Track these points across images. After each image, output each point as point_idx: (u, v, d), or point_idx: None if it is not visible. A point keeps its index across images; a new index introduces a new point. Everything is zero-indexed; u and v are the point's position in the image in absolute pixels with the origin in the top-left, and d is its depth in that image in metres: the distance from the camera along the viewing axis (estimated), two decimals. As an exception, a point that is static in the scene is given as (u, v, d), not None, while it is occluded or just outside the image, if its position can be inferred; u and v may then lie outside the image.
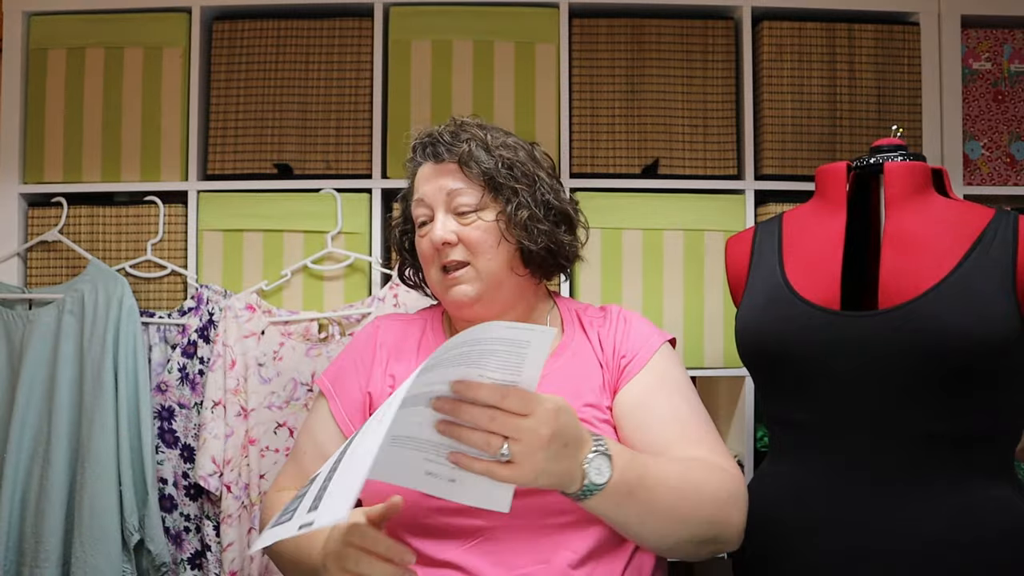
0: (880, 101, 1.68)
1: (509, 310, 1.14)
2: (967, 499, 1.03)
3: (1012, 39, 1.71)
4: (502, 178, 1.10)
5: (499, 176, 1.10)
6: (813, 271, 1.14)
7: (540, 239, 1.10)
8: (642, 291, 1.64)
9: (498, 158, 1.11)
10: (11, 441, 1.49)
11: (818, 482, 1.10)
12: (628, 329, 1.15)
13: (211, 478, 1.49)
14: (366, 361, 1.17)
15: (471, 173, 1.10)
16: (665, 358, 1.13)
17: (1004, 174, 1.70)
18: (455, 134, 1.13)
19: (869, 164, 1.17)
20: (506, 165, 1.11)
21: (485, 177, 1.10)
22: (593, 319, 1.18)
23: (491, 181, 1.10)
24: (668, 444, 1.03)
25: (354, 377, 1.16)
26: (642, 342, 1.13)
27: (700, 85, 1.69)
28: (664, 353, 1.13)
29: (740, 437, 1.66)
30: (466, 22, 1.68)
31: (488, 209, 1.11)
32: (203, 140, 1.69)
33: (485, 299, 1.11)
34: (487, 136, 1.13)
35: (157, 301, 1.64)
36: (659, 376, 1.10)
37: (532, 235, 1.10)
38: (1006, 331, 1.00)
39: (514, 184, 1.11)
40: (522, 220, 1.10)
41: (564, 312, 1.20)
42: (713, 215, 1.65)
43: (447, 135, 1.13)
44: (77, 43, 1.67)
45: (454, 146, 1.12)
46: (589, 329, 1.17)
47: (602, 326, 1.17)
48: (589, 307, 1.23)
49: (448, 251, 1.10)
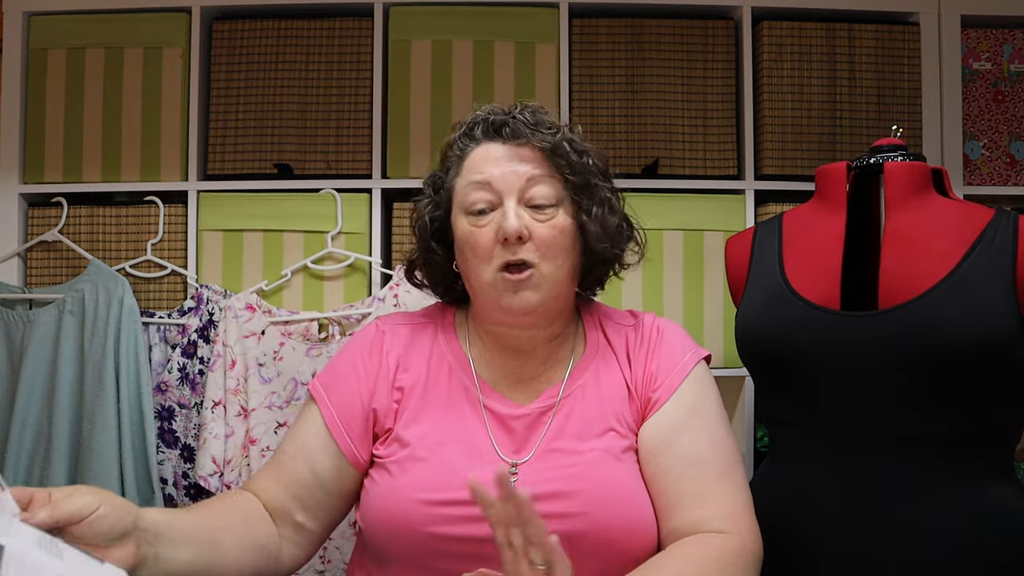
0: (880, 101, 1.68)
1: (554, 322, 1.04)
2: (967, 499, 1.03)
3: (1012, 39, 1.71)
4: (595, 178, 1.01)
5: (592, 176, 1.01)
6: (813, 271, 1.14)
7: (620, 251, 1.04)
8: (642, 291, 1.64)
9: (585, 155, 1.01)
10: (11, 441, 1.49)
11: (818, 482, 1.10)
12: (660, 348, 1.04)
13: (211, 478, 1.49)
14: (370, 371, 1.05)
15: (558, 164, 0.99)
16: (697, 383, 1.03)
17: (1004, 174, 1.70)
18: (536, 116, 1.01)
19: (869, 164, 1.17)
20: (596, 165, 1.03)
21: (573, 172, 0.99)
22: (621, 330, 1.08)
23: (579, 179, 0.99)
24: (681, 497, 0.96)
25: (355, 387, 1.04)
26: (673, 364, 1.03)
27: (700, 85, 1.69)
28: (696, 377, 1.03)
29: (740, 437, 1.66)
30: (466, 22, 1.68)
31: (564, 207, 1.00)
32: (203, 140, 1.69)
33: (542, 310, 1.00)
34: (570, 129, 1.03)
35: (157, 301, 1.63)
36: (687, 409, 1.00)
37: (616, 245, 1.03)
38: (1006, 331, 1.00)
39: (604, 185, 1.02)
40: (611, 227, 1.01)
41: (587, 322, 1.10)
42: (713, 215, 1.65)
43: (528, 115, 1.01)
44: (77, 43, 1.66)
45: (539, 130, 1.00)
46: (616, 342, 1.07)
47: (632, 340, 1.06)
48: (615, 313, 1.12)
49: (517, 248, 0.96)
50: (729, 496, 0.97)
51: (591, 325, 1.09)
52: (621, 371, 1.04)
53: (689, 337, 1.09)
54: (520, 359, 1.05)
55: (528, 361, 1.05)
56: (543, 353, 1.05)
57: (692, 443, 0.98)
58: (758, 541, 0.97)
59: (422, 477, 0.96)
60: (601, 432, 0.99)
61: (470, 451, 0.98)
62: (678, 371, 1.02)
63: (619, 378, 1.03)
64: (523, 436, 1.00)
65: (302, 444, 1.04)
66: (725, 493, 0.97)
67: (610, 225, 1.02)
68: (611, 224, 1.02)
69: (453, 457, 0.97)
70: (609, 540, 0.93)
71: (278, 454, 1.06)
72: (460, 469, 0.95)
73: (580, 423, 1.00)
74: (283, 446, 1.06)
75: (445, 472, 0.95)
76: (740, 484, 0.99)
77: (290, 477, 1.02)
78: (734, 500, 0.97)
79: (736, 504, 0.97)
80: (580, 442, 0.98)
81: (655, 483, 0.98)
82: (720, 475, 0.98)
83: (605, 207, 1.02)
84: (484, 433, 1.00)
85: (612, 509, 0.94)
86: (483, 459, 0.97)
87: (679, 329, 1.09)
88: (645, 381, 1.02)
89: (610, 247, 1.02)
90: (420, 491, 0.95)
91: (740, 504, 0.98)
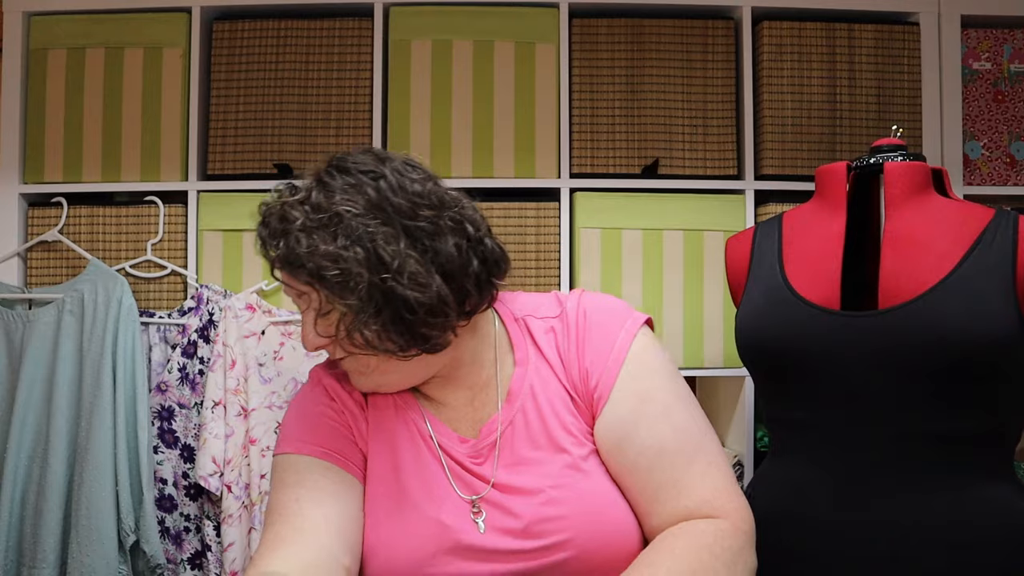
0: (880, 101, 1.68)
1: (424, 370, 0.96)
2: (967, 499, 1.03)
3: (1012, 39, 1.71)
4: (332, 269, 0.88)
5: (326, 271, 0.88)
6: (813, 271, 1.14)
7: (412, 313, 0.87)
8: (642, 291, 1.64)
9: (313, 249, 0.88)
10: (11, 441, 1.49)
11: (818, 481, 1.10)
12: (588, 338, 0.96)
13: (211, 478, 1.49)
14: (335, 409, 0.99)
15: (301, 278, 0.91)
16: (638, 363, 0.95)
17: (1004, 174, 1.70)
18: (277, 225, 0.92)
19: (869, 164, 1.17)
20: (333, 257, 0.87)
21: (311, 278, 0.89)
22: (548, 327, 0.99)
23: (320, 282, 0.89)
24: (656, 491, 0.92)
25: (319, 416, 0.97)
26: (606, 352, 0.95)
27: (700, 85, 1.69)
28: (636, 356, 0.96)
29: (740, 437, 1.66)
30: (466, 22, 1.68)
31: (329, 305, 0.91)
32: (203, 140, 1.69)
33: (387, 389, 0.96)
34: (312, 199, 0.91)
35: (157, 301, 1.63)
36: (635, 397, 0.94)
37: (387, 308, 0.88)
38: (1006, 331, 1.00)
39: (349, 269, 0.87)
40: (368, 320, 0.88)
41: (511, 327, 1.00)
42: (713, 215, 1.65)
43: (266, 232, 0.92)
44: (77, 43, 1.66)
45: (277, 243, 0.91)
46: (546, 346, 0.98)
47: (561, 337, 0.98)
48: (539, 305, 1.02)
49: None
50: (706, 478, 0.92)
51: (516, 330, 1.00)
52: (557, 378, 0.97)
53: (619, 308, 0.99)
54: (446, 392, 0.99)
55: (455, 391, 0.99)
56: (466, 379, 0.99)
57: (651, 434, 0.92)
58: (747, 518, 0.92)
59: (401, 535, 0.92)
60: (555, 451, 0.93)
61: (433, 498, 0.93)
62: (613, 358, 0.95)
63: (557, 386, 0.96)
64: (475, 473, 0.95)
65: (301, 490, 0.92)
66: (701, 476, 0.92)
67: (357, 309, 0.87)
68: (355, 307, 0.87)
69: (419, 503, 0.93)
70: (595, 552, 0.90)
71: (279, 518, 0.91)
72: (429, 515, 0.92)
73: (529, 448, 0.94)
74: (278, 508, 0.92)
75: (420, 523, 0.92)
76: (714, 462, 0.94)
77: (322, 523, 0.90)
78: (712, 482, 0.92)
79: (715, 485, 0.92)
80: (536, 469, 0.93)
81: (624, 480, 0.93)
82: (690, 459, 0.92)
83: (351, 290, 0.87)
84: (442, 473, 0.95)
85: (591, 522, 0.91)
86: (443, 501, 0.93)
87: (606, 303, 1.00)
88: (583, 380, 0.95)
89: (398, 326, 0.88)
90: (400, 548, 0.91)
91: (720, 484, 0.93)
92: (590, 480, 0.93)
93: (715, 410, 1.83)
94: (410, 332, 0.88)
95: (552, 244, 1.65)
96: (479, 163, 1.66)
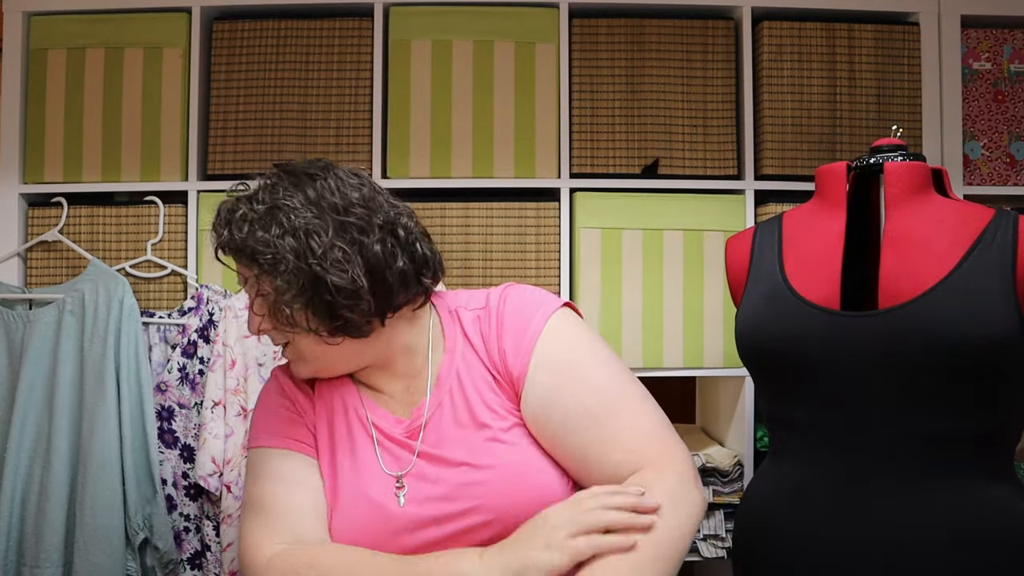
0: (880, 101, 1.68)
1: (357, 359, 1.04)
2: (967, 499, 1.03)
3: (1012, 39, 1.71)
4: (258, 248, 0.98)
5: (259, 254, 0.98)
6: (813, 271, 1.14)
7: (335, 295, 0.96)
8: (642, 291, 1.64)
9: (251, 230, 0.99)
10: (11, 441, 1.49)
11: (818, 481, 1.10)
12: (507, 318, 1.03)
13: (211, 478, 1.49)
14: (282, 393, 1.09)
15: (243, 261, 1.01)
16: (553, 337, 1.00)
17: (1004, 174, 1.70)
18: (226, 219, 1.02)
19: (869, 164, 1.17)
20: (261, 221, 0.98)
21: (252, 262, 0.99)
22: (475, 318, 1.06)
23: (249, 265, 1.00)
24: (586, 453, 0.96)
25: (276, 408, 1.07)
26: (521, 333, 1.01)
27: (700, 85, 1.69)
28: (552, 331, 1.01)
29: (740, 437, 1.66)
30: (466, 22, 1.68)
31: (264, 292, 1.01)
32: (203, 140, 1.69)
33: (323, 371, 1.05)
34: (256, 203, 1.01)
35: (157, 301, 1.64)
36: (551, 368, 0.99)
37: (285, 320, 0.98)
38: (1006, 331, 1.00)
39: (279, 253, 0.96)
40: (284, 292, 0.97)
41: (445, 319, 1.08)
42: (713, 215, 1.65)
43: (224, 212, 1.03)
44: (77, 43, 1.66)
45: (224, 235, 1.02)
46: (472, 334, 1.05)
47: (485, 325, 1.05)
48: (471, 300, 1.09)
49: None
50: (630, 430, 0.96)
51: (449, 321, 1.07)
52: (481, 360, 1.03)
53: (539, 295, 1.05)
54: (383, 381, 1.07)
55: (391, 380, 1.06)
56: (401, 369, 1.06)
57: (571, 398, 0.97)
58: (677, 457, 0.95)
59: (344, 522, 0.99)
60: (477, 427, 0.99)
61: (360, 472, 1.01)
62: (529, 337, 1.00)
63: (482, 370, 1.02)
64: (404, 447, 1.01)
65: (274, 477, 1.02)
66: (625, 429, 0.96)
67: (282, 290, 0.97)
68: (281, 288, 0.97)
69: (348, 482, 1.00)
70: (515, 515, 0.94)
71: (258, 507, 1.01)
72: (358, 491, 0.99)
73: (453, 427, 1.00)
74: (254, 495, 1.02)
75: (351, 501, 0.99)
76: (638, 412, 0.97)
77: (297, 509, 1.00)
78: (637, 432, 0.96)
79: (640, 434, 0.96)
80: (458, 444, 0.99)
81: (556, 450, 0.98)
82: (612, 413, 0.96)
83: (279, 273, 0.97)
84: (372, 450, 1.02)
85: (512, 489, 0.95)
86: (371, 477, 1.00)
87: (527, 293, 1.06)
88: (502, 361, 1.01)
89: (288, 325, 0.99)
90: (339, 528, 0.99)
91: (645, 431, 0.96)
92: (511, 450, 0.97)
93: (715, 410, 1.83)
94: (330, 313, 0.97)
95: (552, 244, 1.65)
96: (479, 163, 1.66)
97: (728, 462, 1.62)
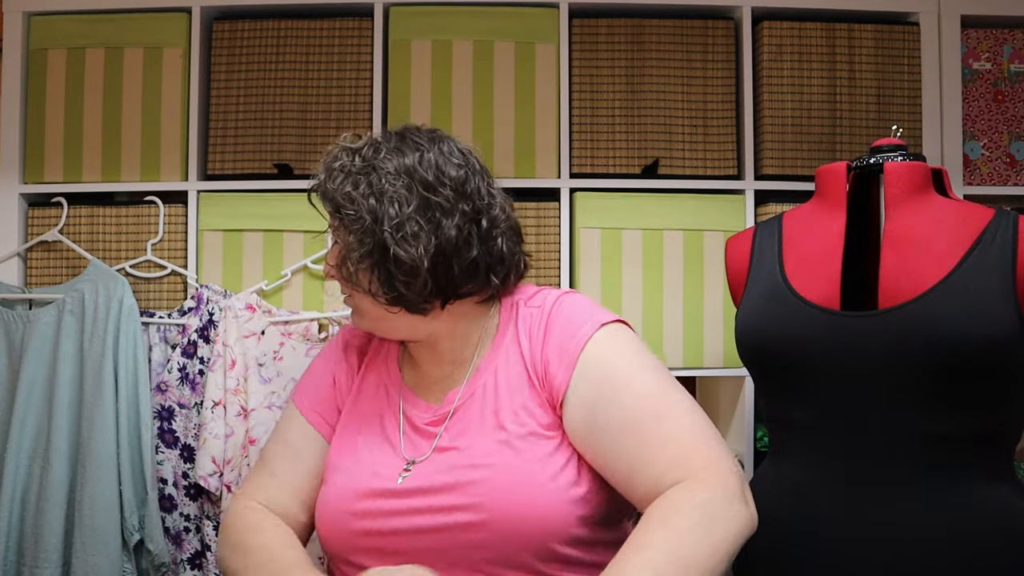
0: (880, 101, 1.68)
1: (415, 330, 1.07)
2: (967, 499, 1.03)
3: (1012, 39, 1.71)
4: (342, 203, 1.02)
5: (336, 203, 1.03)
6: (813, 271, 1.14)
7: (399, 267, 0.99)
8: (642, 291, 1.64)
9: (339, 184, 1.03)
10: (11, 441, 1.49)
11: (818, 482, 1.10)
12: (557, 326, 1.03)
13: (211, 478, 1.49)
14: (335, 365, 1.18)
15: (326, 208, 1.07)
16: (599, 347, 1.00)
17: (1004, 174, 1.70)
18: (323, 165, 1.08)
19: (869, 164, 1.17)
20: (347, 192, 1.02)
21: (335, 212, 1.04)
22: (529, 314, 1.07)
23: (336, 218, 1.04)
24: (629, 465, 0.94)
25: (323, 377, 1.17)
26: (569, 339, 1.00)
27: (700, 85, 1.69)
28: (598, 343, 1.00)
29: (740, 437, 1.66)
30: (466, 22, 1.68)
31: (343, 242, 1.05)
32: (203, 140, 1.69)
33: (379, 332, 1.09)
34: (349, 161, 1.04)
35: (157, 301, 1.64)
36: (594, 380, 0.98)
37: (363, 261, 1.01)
38: (1006, 331, 1.00)
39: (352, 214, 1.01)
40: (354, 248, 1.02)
41: (504, 312, 1.09)
42: (713, 215, 1.65)
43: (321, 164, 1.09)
44: (77, 43, 1.66)
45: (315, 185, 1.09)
46: (522, 329, 1.06)
47: (533, 325, 1.05)
48: (533, 296, 1.10)
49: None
50: (673, 442, 0.93)
51: (507, 314, 1.08)
52: (523, 359, 1.03)
53: (596, 310, 1.04)
54: (428, 364, 1.11)
55: (436, 365, 1.10)
56: (447, 355, 1.09)
57: (614, 409, 0.95)
58: (719, 470, 0.91)
59: (340, 481, 1.06)
60: (496, 426, 1.00)
61: (379, 452, 1.07)
62: (574, 346, 0.99)
63: (520, 369, 1.03)
64: (427, 435, 1.05)
65: (287, 441, 1.14)
66: (668, 440, 0.93)
67: (352, 247, 1.01)
68: (352, 245, 1.01)
69: (366, 459, 1.06)
70: (507, 527, 0.94)
71: (266, 459, 1.15)
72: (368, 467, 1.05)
73: (476, 423, 1.02)
74: (269, 448, 1.16)
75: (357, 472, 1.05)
76: (683, 425, 0.95)
77: (286, 479, 1.12)
78: (679, 443, 0.93)
79: (683, 446, 0.93)
80: (472, 440, 1.01)
81: (599, 463, 0.97)
82: (657, 423, 0.94)
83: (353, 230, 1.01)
84: (396, 435, 1.08)
85: (502, 498, 0.95)
86: (389, 459, 1.05)
87: (583, 304, 1.05)
88: (544, 366, 1.01)
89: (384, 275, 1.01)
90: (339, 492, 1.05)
91: (687, 444, 0.93)
92: (517, 457, 0.98)
93: (715, 410, 1.83)
94: (388, 283, 1.00)
95: (552, 244, 1.65)
96: (479, 163, 1.66)
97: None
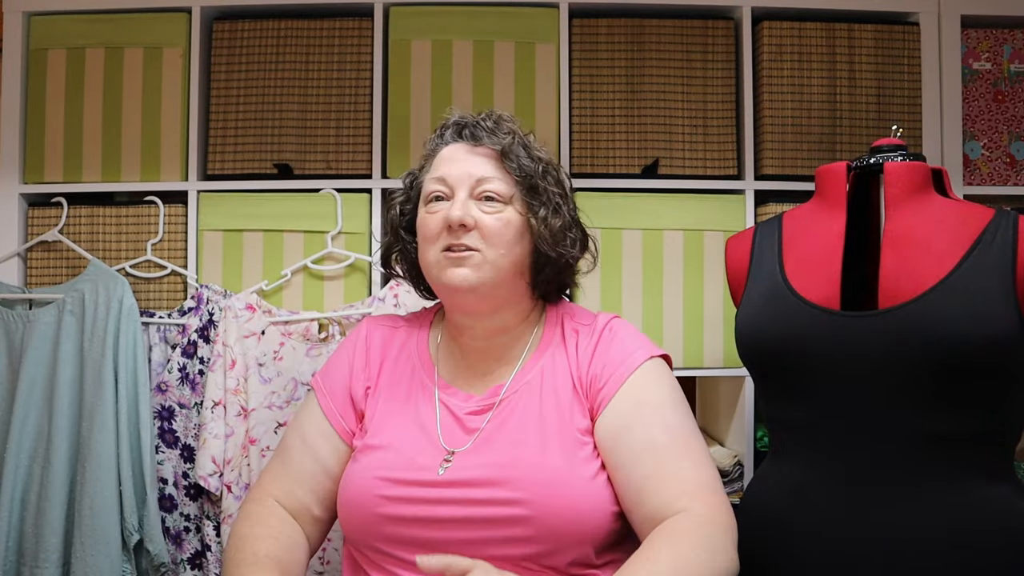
0: (880, 101, 1.68)
1: (501, 310, 1.12)
2: (967, 499, 1.03)
3: (1012, 39, 1.71)
4: (543, 181, 1.10)
5: (538, 178, 1.09)
6: (813, 271, 1.14)
7: (564, 251, 1.10)
8: (642, 291, 1.64)
9: (537, 161, 1.11)
10: (11, 441, 1.49)
11: (818, 482, 1.10)
12: (609, 345, 1.10)
13: (211, 478, 1.49)
14: (355, 362, 1.18)
15: (509, 167, 1.09)
16: (646, 376, 1.07)
17: (1004, 174, 1.70)
18: (497, 123, 1.12)
19: (869, 164, 1.17)
20: (547, 171, 1.11)
21: (522, 174, 1.09)
22: (577, 327, 1.14)
23: (527, 180, 1.09)
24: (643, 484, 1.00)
25: (343, 375, 1.18)
26: (620, 362, 1.08)
27: (700, 85, 1.69)
28: (647, 371, 1.08)
29: (740, 437, 1.66)
30: (466, 22, 1.68)
31: (515, 205, 1.09)
32: (203, 140, 1.69)
33: (482, 291, 1.07)
34: (528, 137, 1.13)
35: (157, 301, 1.64)
36: (635, 401, 1.05)
37: (559, 245, 1.10)
38: (1006, 331, 1.00)
39: (553, 190, 1.11)
40: (555, 228, 1.09)
41: (549, 321, 1.16)
42: (713, 215, 1.65)
43: (489, 122, 1.12)
44: (77, 43, 1.66)
45: (496, 134, 1.11)
46: (569, 338, 1.13)
47: (583, 338, 1.12)
48: (579, 313, 1.17)
49: (461, 234, 1.06)
50: (688, 473, 1.01)
51: (552, 323, 1.15)
52: (569, 367, 1.10)
53: (645, 339, 1.13)
54: (475, 356, 1.14)
55: (483, 360, 1.13)
56: (497, 351, 1.13)
57: (643, 431, 1.03)
58: (726, 513, 1.00)
59: (372, 464, 1.07)
60: (539, 426, 1.05)
61: (416, 440, 1.08)
62: (625, 368, 1.07)
63: (566, 374, 1.09)
64: (468, 428, 1.08)
65: (304, 435, 1.15)
66: (684, 471, 1.01)
67: (554, 226, 1.09)
68: (555, 226, 1.09)
69: (401, 445, 1.07)
70: (550, 524, 0.99)
71: (284, 451, 1.17)
72: (405, 454, 1.06)
73: (520, 417, 1.06)
74: (287, 440, 1.17)
75: (392, 458, 1.06)
76: (700, 462, 1.03)
77: (301, 474, 1.13)
78: (695, 477, 1.01)
79: (697, 481, 1.01)
80: (517, 434, 1.05)
81: (617, 476, 1.03)
82: (678, 456, 1.02)
83: (550, 209, 1.09)
84: (433, 424, 1.09)
85: (547, 493, 0.99)
86: (427, 447, 1.07)
87: (633, 331, 1.14)
88: (591, 379, 1.07)
89: (552, 246, 1.09)
90: (371, 474, 1.05)
91: (701, 480, 1.01)
92: (558, 455, 1.02)
93: (715, 410, 1.83)
94: (552, 240, 1.09)
95: (552, 244, 1.65)
96: (479, 163, 1.66)
97: (728, 462, 1.62)
